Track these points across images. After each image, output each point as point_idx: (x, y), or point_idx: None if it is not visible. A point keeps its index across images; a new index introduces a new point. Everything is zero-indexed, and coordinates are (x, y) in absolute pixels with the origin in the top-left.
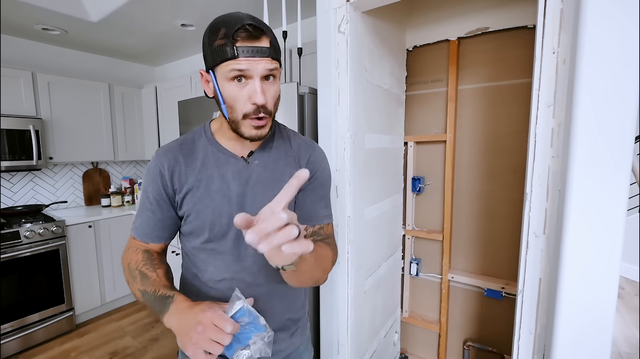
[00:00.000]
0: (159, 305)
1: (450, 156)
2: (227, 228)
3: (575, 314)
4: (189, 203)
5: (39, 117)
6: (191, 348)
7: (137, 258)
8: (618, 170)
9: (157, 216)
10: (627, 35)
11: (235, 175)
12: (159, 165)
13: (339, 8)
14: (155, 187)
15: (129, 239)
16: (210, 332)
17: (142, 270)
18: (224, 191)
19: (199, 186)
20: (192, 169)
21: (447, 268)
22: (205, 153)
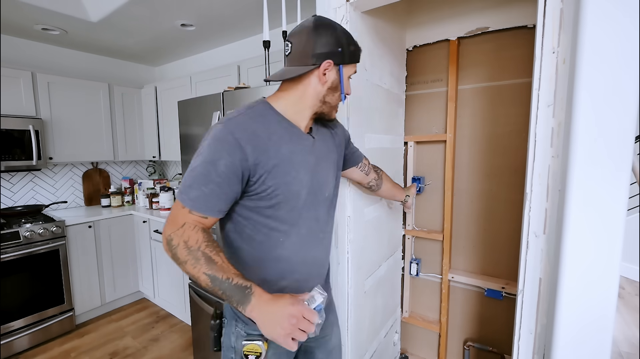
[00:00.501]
0: (236, 295)
1: (450, 156)
2: (307, 196)
3: (575, 314)
4: (277, 177)
5: (38, 117)
6: (283, 337)
7: (197, 237)
8: (618, 170)
9: (223, 190)
10: (627, 34)
11: (309, 149)
12: (238, 139)
13: (338, 8)
14: (230, 160)
15: (179, 210)
16: (302, 324)
17: (206, 251)
18: (304, 164)
19: (285, 160)
20: (273, 144)
21: (447, 268)
22: (280, 129)
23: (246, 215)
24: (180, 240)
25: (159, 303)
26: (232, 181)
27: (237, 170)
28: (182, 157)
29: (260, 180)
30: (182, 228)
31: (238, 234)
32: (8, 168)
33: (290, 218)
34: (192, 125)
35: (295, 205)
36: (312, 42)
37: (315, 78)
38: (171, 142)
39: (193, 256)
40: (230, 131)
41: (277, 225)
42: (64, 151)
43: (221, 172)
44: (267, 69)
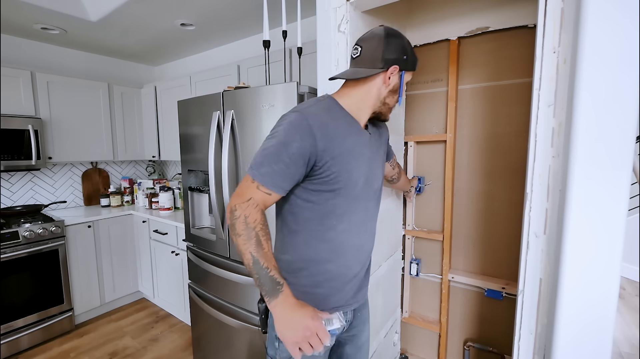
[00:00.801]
0: (268, 285)
1: (451, 156)
2: (363, 186)
3: (575, 314)
4: (340, 164)
5: (38, 116)
6: (292, 343)
7: (256, 217)
8: (618, 170)
9: (290, 170)
10: (627, 34)
11: (366, 143)
12: (311, 125)
13: (339, 8)
14: (301, 144)
15: (248, 185)
16: (313, 339)
17: (259, 234)
18: (363, 156)
19: (348, 150)
20: (340, 134)
21: (447, 268)
22: (345, 122)
23: (306, 197)
24: (243, 213)
25: (158, 303)
26: (299, 163)
27: (306, 153)
28: (182, 157)
29: (325, 166)
30: (247, 202)
31: (294, 216)
32: (7, 167)
33: (345, 204)
34: (191, 125)
35: (352, 192)
36: (382, 48)
37: (381, 81)
38: (171, 141)
39: (247, 233)
40: (304, 118)
41: (333, 209)
42: (64, 151)
43: (292, 154)
44: (267, 69)
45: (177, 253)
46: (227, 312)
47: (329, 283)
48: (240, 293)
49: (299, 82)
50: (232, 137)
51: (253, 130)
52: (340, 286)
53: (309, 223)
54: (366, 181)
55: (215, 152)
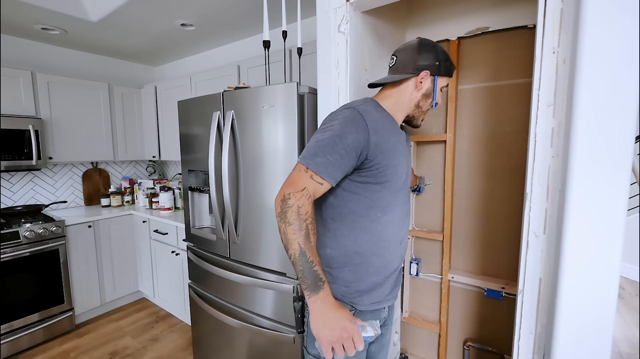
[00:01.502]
0: (310, 279)
1: (450, 156)
2: (404, 181)
3: (575, 314)
4: (389, 158)
5: (38, 116)
6: (327, 342)
7: (309, 209)
8: (618, 170)
9: (344, 161)
10: (627, 35)
11: (403, 143)
12: (366, 121)
13: (338, 8)
14: (356, 137)
15: (301, 174)
16: (347, 342)
17: (309, 227)
18: (403, 153)
19: (394, 146)
20: (387, 132)
21: (447, 268)
22: (389, 122)
23: (354, 189)
24: (296, 203)
25: (158, 303)
26: (352, 155)
27: (359, 146)
28: (182, 157)
29: (376, 159)
30: (301, 192)
31: (337, 209)
32: (8, 167)
33: (390, 197)
34: (192, 125)
35: (397, 186)
36: (415, 56)
37: (413, 85)
38: (171, 141)
39: (299, 224)
40: (360, 113)
41: (378, 201)
42: (64, 151)
43: (347, 145)
44: (267, 69)
45: (178, 253)
46: (227, 312)
47: (370, 278)
48: (241, 293)
49: (299, 82)
50: (232, 137)
51: (253, 130)
52: (381, 280)
53: (354, 215)
54: (406, 177)
55: (216, 152)
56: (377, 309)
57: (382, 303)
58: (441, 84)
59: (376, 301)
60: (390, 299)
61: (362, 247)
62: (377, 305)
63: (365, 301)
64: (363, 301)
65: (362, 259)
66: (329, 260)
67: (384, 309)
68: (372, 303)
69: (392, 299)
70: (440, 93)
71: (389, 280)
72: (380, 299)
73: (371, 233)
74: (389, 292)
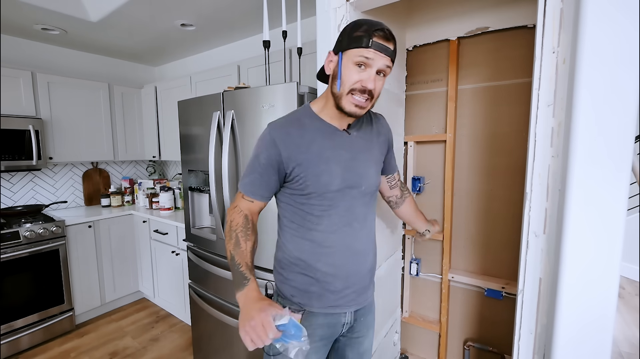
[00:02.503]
0: (237, 279)
1: (450, 156)
2: (339, 187)
3: (575, 314)
4: (307, 169)
5: (38, 117)
6: (242, 333)
7: (239, 221)
8: (618, 170)
9: (264, 178)
10: (627, 34)
11: (343, 145)
12: (274, 137)
13: (338, 8)
14: (267, 154)
15: (237, 195)
16: (257, 330)
17: (239, 235)
18: (337, 158)
19: (314, 155)
20: (305, 141)
21: (447, 268)
22: (313, 128)
23: (287, 200)
24: (229, 218)
25: (158, 303)
26: (270, 172)
27: (273, 162)
28: (182, 157)
29: (293, 172)
30: (234, 209)
31: (285, 218)
32: (8, 168)
33: (321, 206)
34: (192, 125)
35: (326, 194)
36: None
37: (330, 74)
38: (171, 141)
39: (230, 234)
40: (269, 133)
41: (311, 210)
42: (64, 151)
43: (262, 164)
44: (267, 69)
45: (178, 253)
46: (227, 312)
47: (319, 283)
48: None
49: (299, 82)
50: (232, 137)
51: (253, 130)
52: (337, 287)
53: (293, 224)
54: (343, 183)
55: (216, 152)
56: (334, 314)
57: (339, 308)
58: (353, 59)
59: (331, 305)
60: (351, 306)
61: (304, 254)
62: (332, 309)
63: (315, 304)
64: (312, 303)
65: (306, 264)
66: (279, 262)
67: (345, 314)
68: (324, 307)
69: (356, 305)
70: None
71: (348, 287)
72: (336, 304)
73: (311, 240)
74: (351, 299)
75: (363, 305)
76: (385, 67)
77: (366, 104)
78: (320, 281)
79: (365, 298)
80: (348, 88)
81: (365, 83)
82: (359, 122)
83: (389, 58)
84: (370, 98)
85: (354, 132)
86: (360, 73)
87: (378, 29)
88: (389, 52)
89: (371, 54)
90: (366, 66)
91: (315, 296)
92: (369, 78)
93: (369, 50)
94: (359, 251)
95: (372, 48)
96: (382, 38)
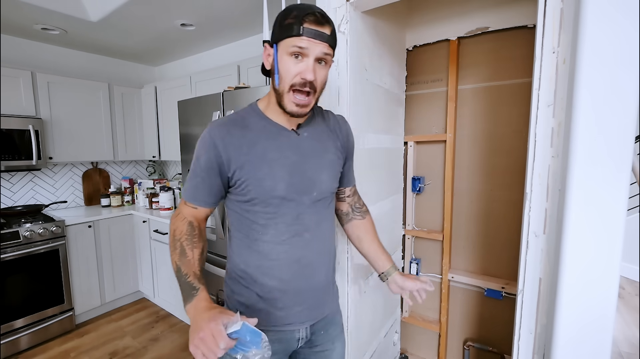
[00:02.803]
0: (185, 290)
1: (450, 156)
2: (285, 193)
3: (575, 314)
4: (248, 172)
5: (38, 116)
6: (192, 348)
7: (182, 228)
8: (618, 170)
9: (206, 182)
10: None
11: (289, 146)
12: (214, 137)
13: (338, 8)
14: (207, 156)
15: (181, 203)
16: (207, 343)
17: (184, 244)
18: (282, 160)
19: (258, 157)
20: (247, 141)
21: (447, 268)
22: (258, 127)
23: (233, 208)
24: (172, 227)
25: (158, 303)
26: (211, 175)
27: (214, 164)
28: (182, 157)
29: (235, 175)
30: (177, 217)
31: (233, 226)
32: (8, 167)
33: (266, 214)
34: (192, 125)
35: (270, 200)
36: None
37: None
38: (171, 141)
39: (173, 244)
40: (208, 132)
41: (255, 219)
42: (64, 151)
43: (202, 168)
44: None
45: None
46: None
47: (266, 300)
48: None
49: None
50: None
51: None
52: (283, 303)
53: (239, 234)
54: (290, 188)
55: None
56: (284, 331)
57: (289, 326)
58: (288, 49)
59: (279, 323)
60: (304, 322)
61: (250, 267)
62: (282, 327)
63: (261, 322)
64: (268, 321)
65: (251, 279)
66: (227, 274)
67: (299, 330)
68: (271, 325)
69: (310, 321)
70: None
71: (299, 304)
72: (285, 322)
73: (257, 251)
74: (303, 316)
75: (319, 319)
76: (324, 55)
77: (308, 101)
78: (266, 297)
79: (321, 312)
80: (288, 84)
81: (304, 75)
82: (312, 122)
83: (325, 44)
84: (312, 92)
85: (304, 132)
86: (297, 65)
87: (308, 13)
88: (325, 37)
89: (304, 42)
90: (302, 56)
91: (262, 313)
92: (307, 68)
93: (302, 39)
94: (311, 264)
95: (305, 35)
96: (314, 23)
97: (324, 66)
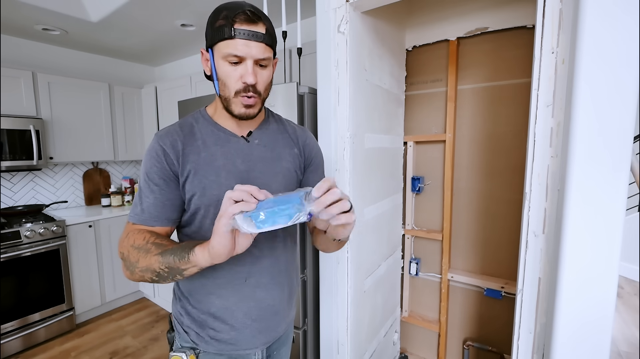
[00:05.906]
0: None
1: (450, 156)
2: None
3: (574, 313)
4: (194, 181)
5: (39, 117)
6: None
7: (144, 235)
8: (617, 170)
9: (166, 196)
10: (626, 35)
11: (238, 153)
12: (163, 145)
13: (338, 8)
14: (160, 167)
15: (125, 228)
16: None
17: (156, 241)
18: (229, 167)
19: (203, 165)
20: (194, 148)
21: (446, 268)
22: (206, 133)
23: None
24: (127, 245)
25: (158, 303)
26: (171, 186)
27: (170, 174)
28: None
29: (185, 184)
30: (126, 239)
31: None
32: (8, 168)
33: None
34: None
35: (215, 210)
36: None
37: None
38: None
39: (143, 250)
40: (156, 141)
41: (205, 234)
42: (65, 151)
43: (158, 180)
44: None
45: None
46: None
47: (212, 322)
48: None
49: (299, 82)
50: None
51: None
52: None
53: None
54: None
55: None
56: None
57: (241, 350)
58: (225, 53)
59: (229, 349)
60: (257, 346)
61: (194, 286)
62: (232, 351)
63: (209, 348)
64: (207, 344)
65: (195, 300)
66: (174, 293)
67: (256, 353)
68: (220, 350)
69: (263, 345)
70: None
71: (248, 327)
72: (235, 346)
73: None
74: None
75: (273, 341)
76: (262, 59)
77: (254, 102)
78: (212, 319)
79: (275, 335)
80: (233, 89)
81: (245, 79)
82: (264, 129)
83: (261, 44)
84: (256, 93)
85: (255, 139)
86: (237, 69)
87: (239, 12)
88: (260, 37)
89: (239, 46)
90: (239, 59)
91: (210, 335)
92: (246, 72)
93: (235, 41)
94: (263, 285)
95: (238, 37)
96: (245, 22)
97: (265, 68)
